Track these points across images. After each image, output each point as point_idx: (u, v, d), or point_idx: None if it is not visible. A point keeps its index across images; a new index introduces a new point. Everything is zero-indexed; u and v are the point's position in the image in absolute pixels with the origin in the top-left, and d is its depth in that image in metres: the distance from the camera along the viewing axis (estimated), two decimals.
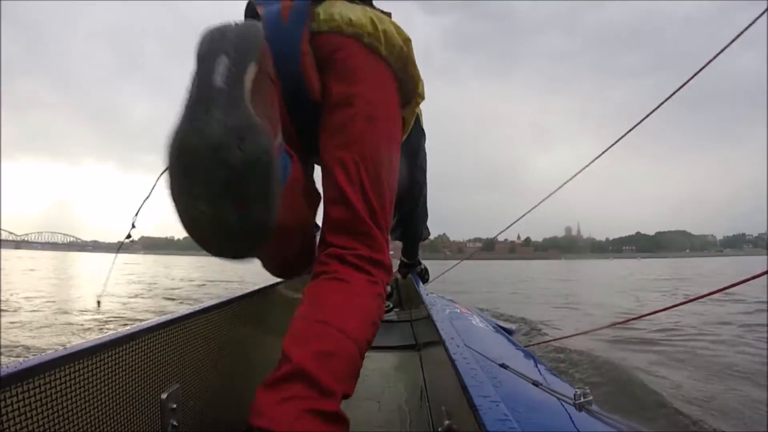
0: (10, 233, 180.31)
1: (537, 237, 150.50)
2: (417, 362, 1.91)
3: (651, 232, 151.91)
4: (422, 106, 1.06)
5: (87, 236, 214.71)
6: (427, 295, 1.49)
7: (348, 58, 0.87)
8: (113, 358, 0.62)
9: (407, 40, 0.92)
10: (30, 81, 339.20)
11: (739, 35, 1.35)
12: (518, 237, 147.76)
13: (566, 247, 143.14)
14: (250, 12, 0.97)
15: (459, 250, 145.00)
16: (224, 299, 1.02)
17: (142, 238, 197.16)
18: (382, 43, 0.88)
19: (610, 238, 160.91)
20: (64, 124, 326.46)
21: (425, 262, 2.64)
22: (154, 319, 0.75)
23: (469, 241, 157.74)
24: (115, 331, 0.65)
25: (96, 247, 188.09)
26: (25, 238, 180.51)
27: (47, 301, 7.52)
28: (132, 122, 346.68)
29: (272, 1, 0.95)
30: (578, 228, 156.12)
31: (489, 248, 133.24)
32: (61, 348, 0.55)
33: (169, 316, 0.78)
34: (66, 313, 6.19)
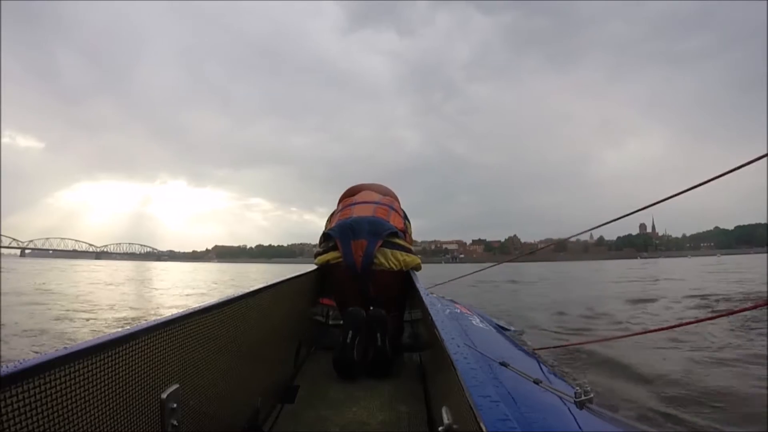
0: (90, 245, 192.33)
1: (610, 236, 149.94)
2: (417, 362, 1.98)
3: (730, 226, 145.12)
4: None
5: (163, 246, 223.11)
6: (428, 295, 1.53)
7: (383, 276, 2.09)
8: (113, 357, 0.62)
9: (406, 261, 2.15)
10: (103, 104, 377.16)
11: None
12: (591, 236, 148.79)
13: (641, 245, 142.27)
14: (328, 239, 2.20)
15: (531, 252, 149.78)
16: (224, 299, 1.05)
17: (216, 247, 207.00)
18: (396, 266, 2.10)
19: (687, 235, 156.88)
20: (138, 142, 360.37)
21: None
22: (154, 319, 0.76)
23: (540, 242, 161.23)
24: (115, 331, 0.65)
25: (172, 256, 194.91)
26: (105, 249, 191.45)
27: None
28: (201, 138, 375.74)
29: (346, 240, 2.12)
30: (653, 224, 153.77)
31: (562, 249, 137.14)
32: (61, 348, 0.55)
33: (169, 316, 0.80)
34: None
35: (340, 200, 2.69)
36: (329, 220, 2.52)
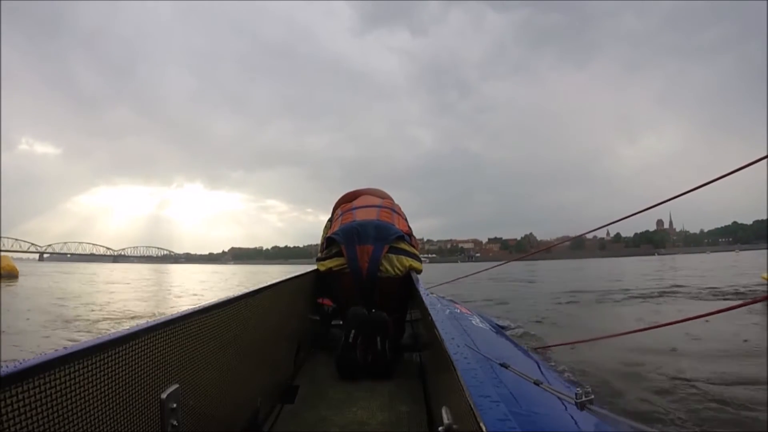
0: (108, 248, 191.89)
1: (627, 232, 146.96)
2: (417, 362, 1.98)
3: (749, 221, 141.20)
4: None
5: (179, 249, 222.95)
6: (428, 295, 1.52)
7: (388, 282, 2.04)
8: (113, 357, 0.62)
9: (411, 267, 2.09)
10: (120, 111, 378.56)
11: None
12: (607, 233, 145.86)
13: (658, 241, 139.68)
14: (332, 243, 2.14)
15: (547, 250, 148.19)
16: (224, 299, 1.05)
17: (232, 248, 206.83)
18: (401, 273, 2.04)
19: (705, 230, 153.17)
20: (155, 147, 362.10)
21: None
22: (154, 319, 0.76)
23: (557, 239, 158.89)
24: (115, 331, 0.65)
25: (189, 258, 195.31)
26: (122, 253, 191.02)
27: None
28: (216, 141, 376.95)
29: (351, 245, 2.06)
30: (670, 220, 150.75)
31: (579, 246, 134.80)
32: (61, 348, 0.55)
33: (169, 316, 0.80)
34: None
35: (337, 207, 2.64)
36: (328, 228, 2.47)
